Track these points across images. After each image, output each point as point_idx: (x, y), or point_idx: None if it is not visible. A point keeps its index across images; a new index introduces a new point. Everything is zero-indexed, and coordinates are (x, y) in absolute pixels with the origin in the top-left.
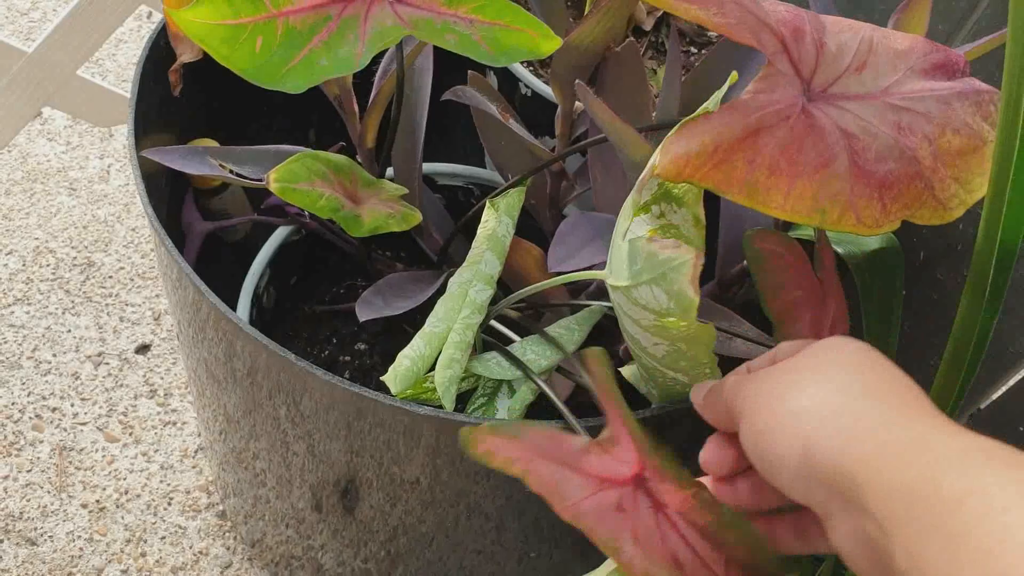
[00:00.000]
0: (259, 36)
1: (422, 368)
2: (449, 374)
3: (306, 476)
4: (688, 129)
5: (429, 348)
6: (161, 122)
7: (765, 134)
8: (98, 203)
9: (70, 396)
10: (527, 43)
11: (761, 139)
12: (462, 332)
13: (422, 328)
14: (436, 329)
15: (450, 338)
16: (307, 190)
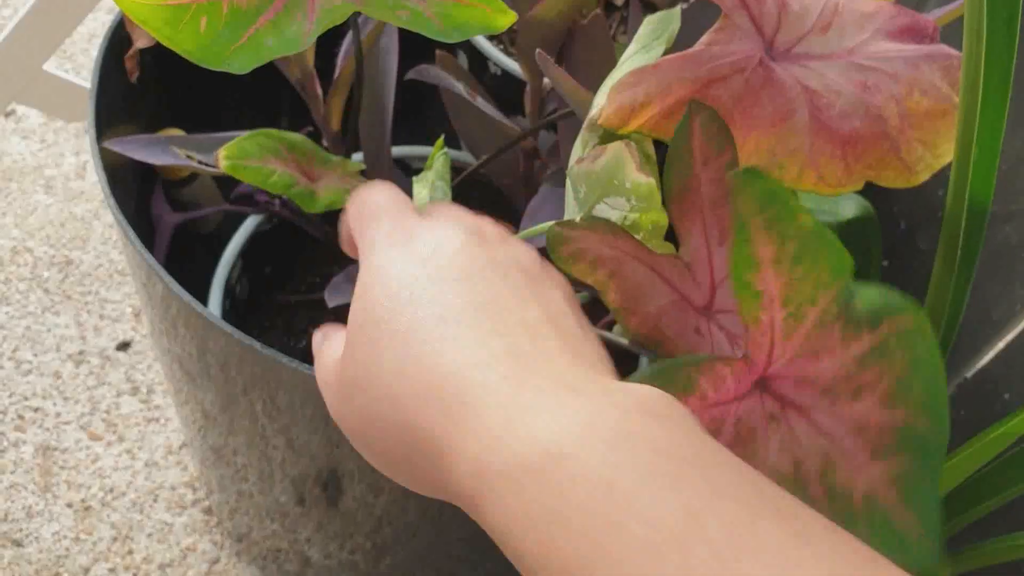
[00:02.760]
0: (203, 16)
1: None
2: None
3: (287, 470)
4: (635, 77)
5: None
6: (125, 114)
7: (718, 85)
8: (75, 200)
9: (52, 396)
10: (481, 18)
11: (713, 90)
12: None
13: None
14: None
15: None
16: (258, 167)
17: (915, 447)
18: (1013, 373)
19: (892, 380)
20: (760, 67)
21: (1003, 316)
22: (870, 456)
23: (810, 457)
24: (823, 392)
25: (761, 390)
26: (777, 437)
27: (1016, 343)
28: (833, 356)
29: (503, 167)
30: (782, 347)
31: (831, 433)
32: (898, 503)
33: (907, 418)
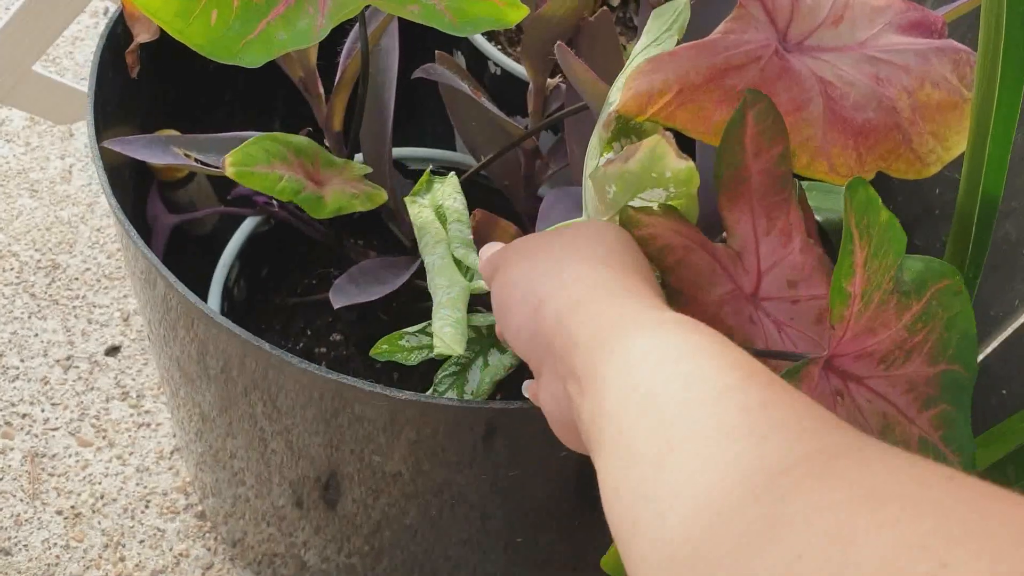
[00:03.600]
0: (214, 9)
1: (464, 328)
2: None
3: (286, 472)
4: (652, 65)
5: (458, 311)
6: (122, 113)
7: (733, 74)
8: (61, 204)
9: (40, 401)
10: (492, 12)
11: (729, 79)
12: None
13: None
14: (451, 294)
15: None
16: (265, 173)
17: (952, 393)
18: (1011, 368)
19: (935, 339)
20: (776, 57)
21: (1002, 312)
22: (918, 408)
23: (871, 420)
24: (880, 361)
25: (827, 368)
26: (843, 410)
27: (1014, 338)
28: (888, 328)
29: (504, 168)
30: (851, 330)
31: (887, 396)
32: (942, 442)
33: (947, 368)
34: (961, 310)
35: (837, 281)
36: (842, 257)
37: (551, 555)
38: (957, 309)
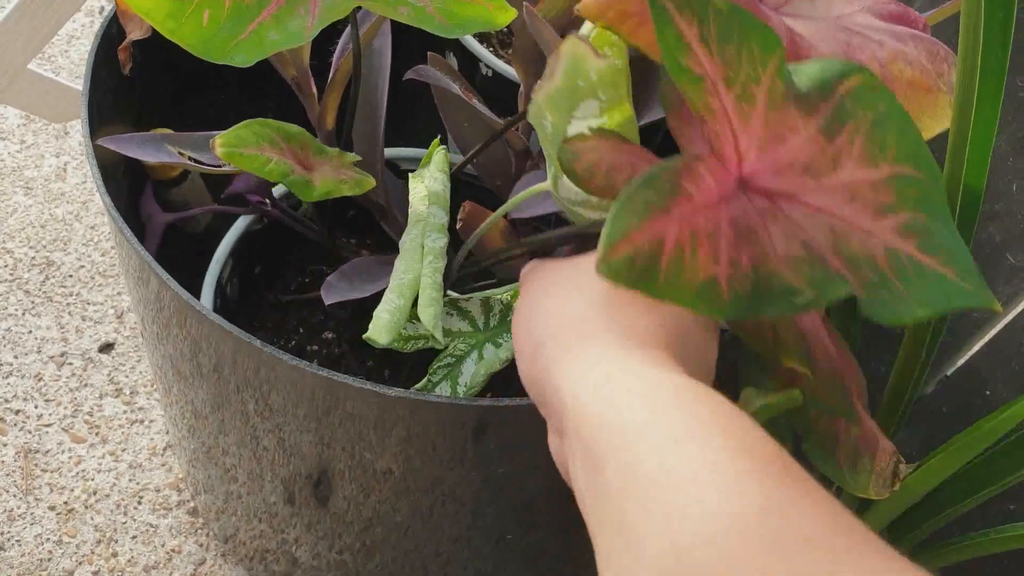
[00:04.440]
0: (206, 9)
1: (401, 318)
2: (432, 311)
3: (277, 470)
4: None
5: (402, 299)
6: (116, 112)
7: None
8: (55, 202)
9: (34, 398)
10: (482, 14)
11: None
12: (431, 275)
13: (388, 285)
14: (403, 280)
15: (423, 282)
16: (255, 155)
17: (913, 198)
18: (994, 369)
19: (863, 140)
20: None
21: (984, 313)
22: (873, 217)
23: (817, 235)
24: (804, 172)
25: (745, 190)
26: (778, 228)
27: (998, 339)
28: (797, 134)
29: (495, 168)
30: (745, 135)
31: (827, 209)
32: (918, 251)
33: (892, 171)
34: (888, 107)
35: (669, 56)
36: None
37: (541, 551)
38: (883, 107)
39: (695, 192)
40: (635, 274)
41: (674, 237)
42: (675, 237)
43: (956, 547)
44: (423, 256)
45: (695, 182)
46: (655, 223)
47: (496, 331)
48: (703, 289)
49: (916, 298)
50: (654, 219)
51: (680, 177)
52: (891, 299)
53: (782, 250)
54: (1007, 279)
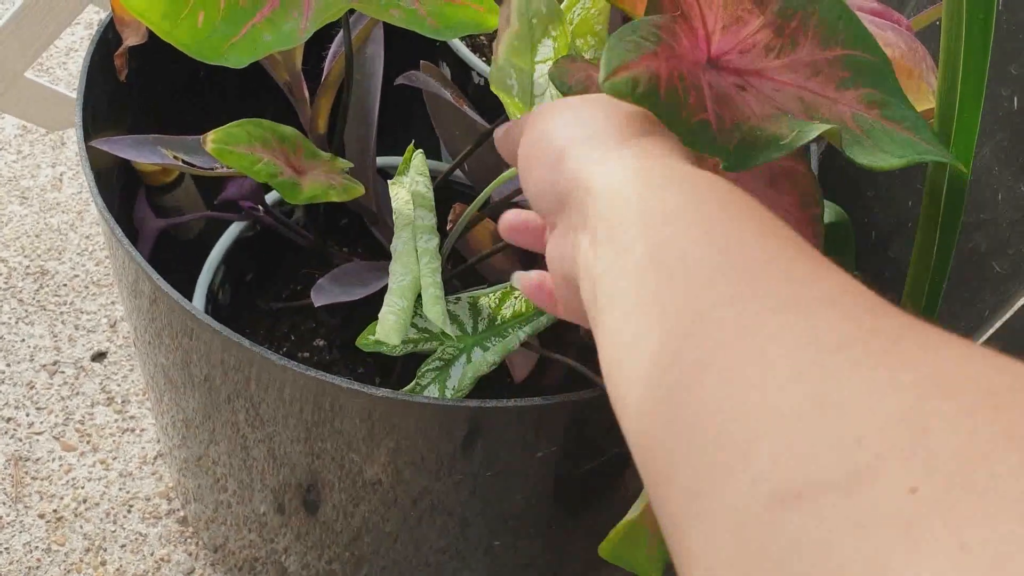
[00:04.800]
0: (201, 11)
1: (406, 319)
2: (439, 308)
3: (267, 479)
4: None
5: (404, 299)
6: (111, 118)
7: None
8: (51, 211)
9: (25, 406)
10: (473, 16)
11: None
12: (431, 275)
13: (388, 288)
14: (403, 282)
15: (424, 282)
16: (245, 153)
17: (871, 77)
18: None
19: (815, 23)
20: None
21: (973, 322)
22: (835, 88)
23: (789, 103)
24: (767, 51)
25: (716, 68)
26: (752, 97)
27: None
28: (755, 17)
29: (485, 172)
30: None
31: (793, 82)
32: (881, 118)
33: (844, 52)
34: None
35: None
36: None
37: (531, 559)
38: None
39: (675, 45)
40: (639, 95)
41: (666, 75)
42: (667, 75)
43: None
44: (418, 258)
45: (673, 37)
46: (646, 59)
47: (484, 335)
48: (697, 127)
49: (887, 150)
50: (645, 57)
51: (660, 30)
52: (866, 151)
53: (760, 111)
54: (993, 288)
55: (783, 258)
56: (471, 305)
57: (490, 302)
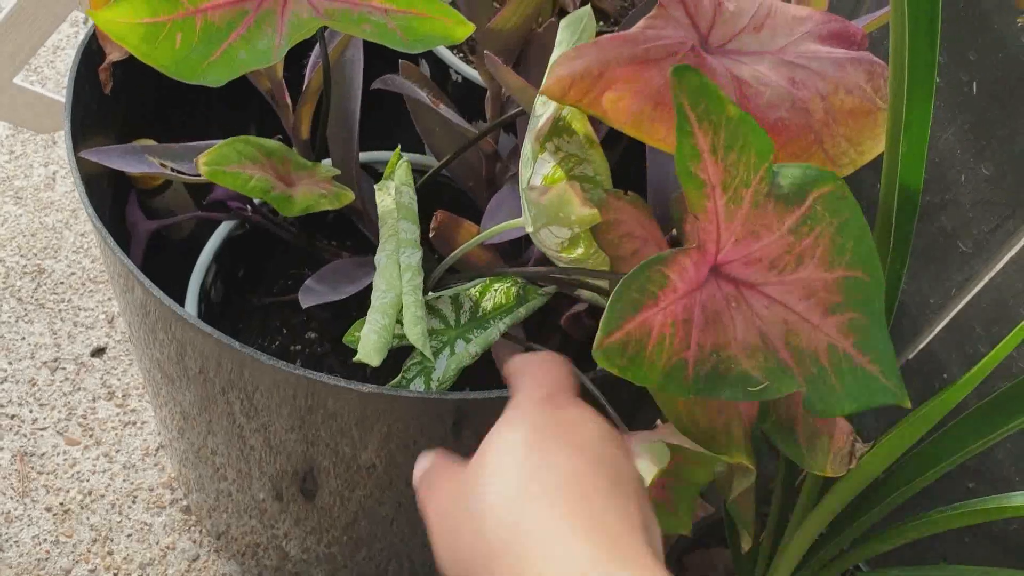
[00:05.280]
0: (178, 33)
1: (388, 337)
2: (420, 329)
3: (264, 467)
4: (575, 52)
5: (387, 318)
6: (99, 124)
7: (652, 67)
8: (45, 210)
9: (28, 402)
10: (441, 29)
11: (648, 71)
12: (413, 292)
13: (371, 304)
14: (385, 300)
15: (405, 300)
16: (237, 172)
17: (859, 300)
18: (951, 353)
19: (826, 244)
20: (692, 53)
21: (940, 300)
22: (822, 315)
23: (772, 327)
24: (770, 267)
25: (716, 276)
26: (740, 315)
27: (953, 325)
28: (771, 232)
29: (467, 170)
30: (727, 231)
31: (785, 302)
32: (855, 350)
33: (846, 274)
34: (851, 215)
35: (682, 163)
36: (680, 138)
37: None
38: (847, 215)
39: (679, 285)
40: (627, 358)
41: (659, 325)
42: (660, 325)
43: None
44: (400, 273)
45: (680, 274)
46: (645, 313)
47: (467, 327)
48: (673, 370)
49: (847, 393)
50: (644, 309)
51: (667, 269)
52: (826, 393)
53: (742, 337)
54: (959, 266)
55: None
56: (452, 299)
57: (471, 295)
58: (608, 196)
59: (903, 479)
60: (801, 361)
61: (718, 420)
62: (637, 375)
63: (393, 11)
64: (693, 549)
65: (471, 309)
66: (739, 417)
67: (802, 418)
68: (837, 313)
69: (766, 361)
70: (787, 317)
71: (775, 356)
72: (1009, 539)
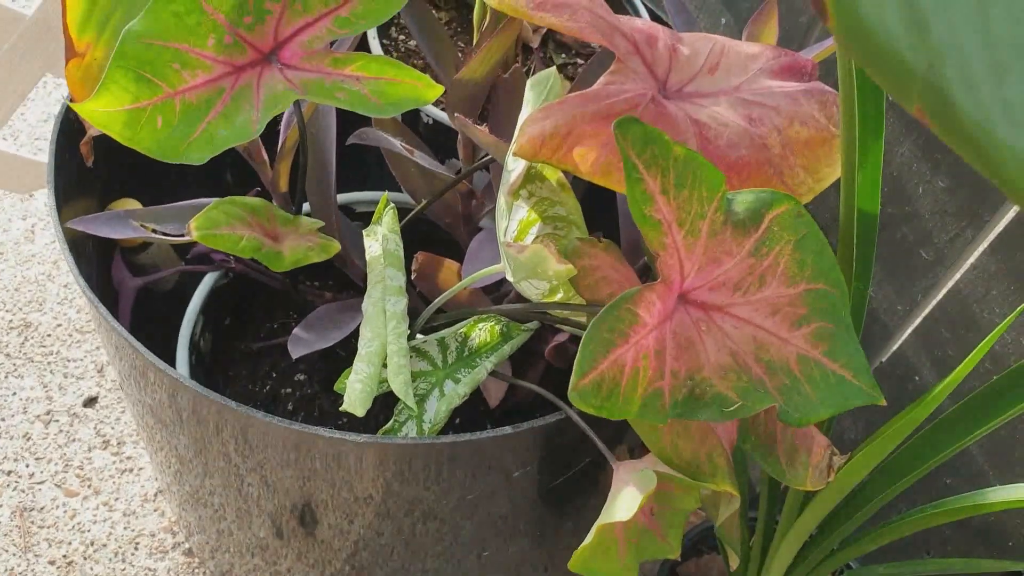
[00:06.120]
0: (159, 116)
1: (373, 386)
2: (403, 379)
3: (263, 505)
4: (543, 112)
5: (372, 367)
6: (81, 187)
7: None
8: (27, 264)
9: (24, 457)
10: (413, 92)
11: (612, 124)
12: (396, 341)
13: (358, 353)
14: (371, 348)
15: (389, 350)
16: (228, 234)
17: (824, 310)
18: (920, 357)
19: (787, 261)
20: (652, 104)
21: (907, 307)
22: (789, 328)
23: (742, 345)
24: (735, 289)
25: (684, 303)
26: (710, 338)
27: (921, 329)
28: (732, 256)
29: (444, 208)
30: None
31: (752, 320)
32: (825, 356)
33: (809, 287)
34: (808, 231)
35: (635, 207)
36: (630, 185)
37: (522, 560)
38: (804, 231)
39: (647, 319)
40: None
41: (632, 360)
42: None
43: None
44: (386, 321)
45: (648, 308)
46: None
47: (453, 367)
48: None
49: (821, 400)
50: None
51: (636, 306)
52: (801, 402)
53: (714, 359)
54: (922, 274)
55: None
56: (438, 341)
57: (457, 335)
58: (582, 244)
59: (884, 484)
60: (773, 374)
61: (701, 450)
62: (613, 411)
63: (365, 78)
64: (686, 558)
65: (457, 349)
66: (720, 445)
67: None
68: (804, 325)
69: (739, 380)
70: (756, 334)
71: (748, 373)
72: (990, 530)
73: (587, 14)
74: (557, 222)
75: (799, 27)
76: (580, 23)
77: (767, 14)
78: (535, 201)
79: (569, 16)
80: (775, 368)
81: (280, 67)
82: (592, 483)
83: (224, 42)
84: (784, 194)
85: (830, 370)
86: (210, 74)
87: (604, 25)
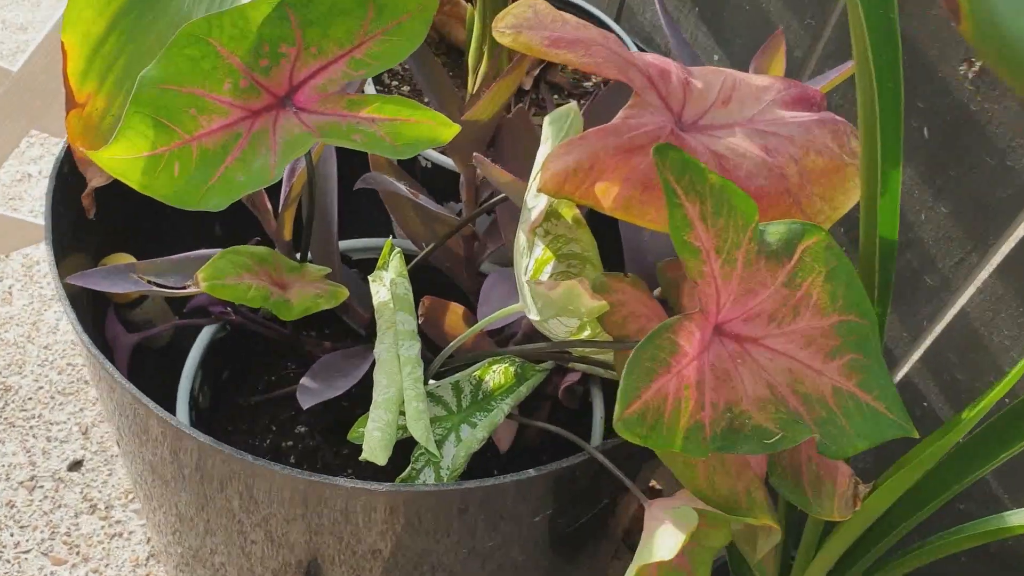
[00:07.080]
0: (176, 162)
1: (392, 433)
2: (423, 423)
3: (268, 562)
4: (564, 148)
5: (390, 414)
6: (76, 242)
7: (638, 153)
8: (5, 326)
9: (8, 526)
10: (428, 132)
11: (634, 158)
12: (413, 385)
13: (373, 400)
14: (388, 395)
15: (406, 395)
16: (235, 284)
17: (855, 342)
18: (928, 383)
19: (819, 292)
20: (672, 136)
21: (913, 333)
22: (823, 360)
23: (778, 376)
24: (769, 320)
25: (719, 335)
26: (746, 370)
27: (928, 355)
28: (766, 287)
29: (446, 252)
30: (725, 292)
31: (786, 352)
32: (859, 388)
33: (841, 318)
34: (839, 263)
35: (676, 233)
36: (671, 211)
37: None
38: (834, 263)
39: (687, 346)
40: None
41: (674, 390)
42: (675, 390)
43: (916, 553)
44: (400, 367)
45: (688, 338)
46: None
47: (469, 411)
48: (691, 432)
49: (857, 432)
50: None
51: (676, 335)
52: (838, 434)
53: (751, 392)
54: (927, 300)
55: None
56: (453, 385)
57: (471, 379)
58: (609, 279)
59: (906, 512)
60: (811, 406)
61: (739, 484)
62: (658, 441)
63: (380, 120)
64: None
65: (472, 392)
66: (758, 479)
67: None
68: (837, 357)
69: (777, 412)
70: (791, 366)
71: (785, 405)
72: (1006, 554)
73: (602, 50)
74: (571, 259)
75: (794, 62)
76: (596, 59)
77: (774, 47)
78: (550, 239)
79: (584, 52)
80: (811, 400)
81: (295, 111)
82: (602, 526)
83: (240, 86)
84: (814, 225)
85: (864, 402)
86: (226, 119)
87: (619, 60)
